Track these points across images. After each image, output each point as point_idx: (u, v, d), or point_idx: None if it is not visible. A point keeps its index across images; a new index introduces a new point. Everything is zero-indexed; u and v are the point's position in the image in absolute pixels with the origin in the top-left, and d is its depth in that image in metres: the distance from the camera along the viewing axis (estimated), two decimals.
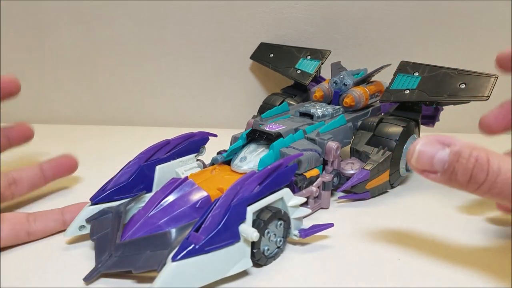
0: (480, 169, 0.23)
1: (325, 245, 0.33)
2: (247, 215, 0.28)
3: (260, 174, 0.30)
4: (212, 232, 0.26)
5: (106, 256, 0.28)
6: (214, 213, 0.27)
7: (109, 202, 0.33)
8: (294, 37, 0.58)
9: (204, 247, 0.26)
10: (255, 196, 0.29)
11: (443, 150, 0.24)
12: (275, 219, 0.30)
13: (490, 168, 0.23)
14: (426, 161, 0.25)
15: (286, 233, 0.31)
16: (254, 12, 0.57)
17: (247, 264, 0.28)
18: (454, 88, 0.41)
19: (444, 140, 0.25)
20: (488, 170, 0.23)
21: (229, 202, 0.28)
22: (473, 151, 0.24)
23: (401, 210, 0.38)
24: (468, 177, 0.24)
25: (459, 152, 0.24)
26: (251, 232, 0.27)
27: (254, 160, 0.37)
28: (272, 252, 0.31)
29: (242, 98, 0.63)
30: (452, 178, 0.24)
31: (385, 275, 0.29)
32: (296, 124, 0.41)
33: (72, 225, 0.32)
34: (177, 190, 0.32)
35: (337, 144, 0.38)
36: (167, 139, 0.37)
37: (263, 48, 0.59)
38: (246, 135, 0.39)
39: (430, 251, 0.32)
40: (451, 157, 0.24)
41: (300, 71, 0.53)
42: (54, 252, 0.31)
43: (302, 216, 0.32)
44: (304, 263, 0.31)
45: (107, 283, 0.28)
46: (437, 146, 0.25)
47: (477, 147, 0.24)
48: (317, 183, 0.37)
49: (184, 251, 0.26)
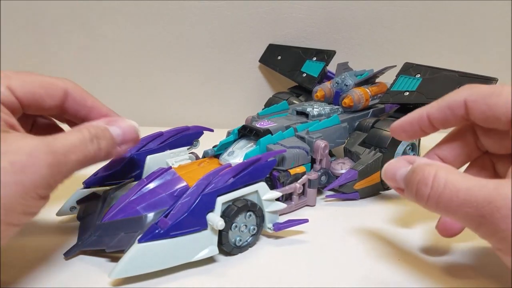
0: (424, 183, 0.24)
1: (298, 240, 0.33)
2: (216, 204, 0.29)
3: (236, 167, 0.31)
4: (179, 219, 0.28)
5: (87, 236, 0.31)
6: (184, 201, 0.29)
7: (100, 186, 0.35)
8: (294, 37, 0.59)
9: (169, 232, 0.28)
10: (227, 187, 0.30)
11: (405, 167, 0.26)
12: (243, 212, 0.31)
13: (435, 182, 0.24)
14: (390, 177, 0.27)
15: (259, 221, 0.32)
16: (254, 12, 0.58)
17: (213, 251, 0.29)
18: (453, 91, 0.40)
19: (410, 159, 0.26)
20: (432, 185, 0.24)
21: (199, 192, 0.29)
22: (426, 166, 0.25)
23: (389, 212, 0.38)
24: (415, 191, 0.25)
25: (413, 168, 0.25)
26: (216, 221, 0.28)
27: (241, 154, 0.38)
28: (246, 241, 0.32)
29: (246, 98, 0.63)
30: (408, 193, 0.26)
31: (353, 273, 0.29)
32: (288, 122, 0.41)
33: (64, 206, 0.34)
34: (159, 178, 0.34)
35: (325, 142, 0.39)
36: (161, 131, 0.39)
37: (271, 50, 0.59)
38: (237, 131, 0.40)
39: (401, 254, 0.32)
40: (408, 174, 0.26)
41: (306, 74, 0.54)
42: (45, 230, 0.34)
43: (277, 210, 0.33)
44: (273, 254, 0.31)
45: (83, 260, 0.30)
46: (402, 164, 0.26)
47: (434, 164, 0.25)
48: (302, 180, 0.38)
49: (150, 234, 0.27)
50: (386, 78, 0.49)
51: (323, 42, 0.58)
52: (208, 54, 0.61)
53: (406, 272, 0.29)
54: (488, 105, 0.26)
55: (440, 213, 0.25)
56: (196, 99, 0.64)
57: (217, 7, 0.58)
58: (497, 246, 0.23)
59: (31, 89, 0.27)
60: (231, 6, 0.58)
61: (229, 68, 0.62)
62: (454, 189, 0.23)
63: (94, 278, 0.28)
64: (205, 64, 0.62)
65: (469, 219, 0.23)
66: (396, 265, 0.30)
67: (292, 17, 0.58)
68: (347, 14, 0.57)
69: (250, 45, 0.60)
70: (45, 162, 0.23)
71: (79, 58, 0.62)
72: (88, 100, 0.31)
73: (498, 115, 0.26)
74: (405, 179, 0.26)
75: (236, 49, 0.60)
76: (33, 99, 0.27)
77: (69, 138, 0.26)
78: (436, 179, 0.24)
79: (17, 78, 0.27)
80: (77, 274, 0.29)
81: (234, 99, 0.63)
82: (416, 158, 0.26)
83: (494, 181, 0.23)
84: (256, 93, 0.62)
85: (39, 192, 0.23)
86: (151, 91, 0.63)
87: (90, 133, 0.27)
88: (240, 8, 0.58)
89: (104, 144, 0.28)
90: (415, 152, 0.43)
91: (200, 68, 0.62)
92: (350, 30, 0.58)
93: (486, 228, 0.22)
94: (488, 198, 0.22)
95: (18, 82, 0.27)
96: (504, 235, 0.22)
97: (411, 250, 0.32)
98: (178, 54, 0.61)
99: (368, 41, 0.59)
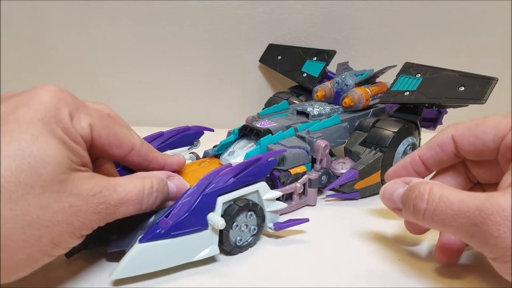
0: (420, 198, 0.25)
1: (299, 240, 0.33)
2: (216, 204, 0.29)
3: (236, 167, 0.31)
4: (180, 219, 0.28)
5: (88, 236, 0.30)
6: (184, 201, 0.29)
7: None
8: (294, 37, 0.59)
9: (170, 232, 0.28)
10: (227, 187, 0.30)
11: (402, 188, 0.27)
12: (244, 211, 0.31)
13: (430, 197, 0.25)
14: (388, 197, 0.28)
15: (260, 221, 0.32)
16: (254, 12, 0.58)
17: (214, 251, 0.30)
18: (453, 91, 0.40)
19: (407, 180, 0.28)
20: (428, 199, 0.25)
21: (200, 191, 0.29)
22: (422, 184, 0.26)
23: (389, 212, 0.38)
24: (412, 207, 0.26)
25: (409, 187, 0.27)
26: (217, 221, 0.28)
27: (242, 154, 0.38)
28: (246, 241, 0.32)
29: (246, 98, 0.63)
30: (405, 210, 0.27)
31: (353, 273, 0.29)
32: (289, 122, 0.41)
33: None
34: None
35: (325, 142, 0.39)
36: (161, 131, 0.39)
37: (271, 50, 0.59)
38: (238, 131, 0.40)
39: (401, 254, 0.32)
40: (405, 192, 0.27)
41: (306, 74, 0.54)
42: None
43: (278, 210, 0.33)
44: (273, 254, 0.32)
45: (85, 259, 0.30)
46: (399, 185, 0.28)
47: (429, 181, 0.26)
48: (302, 180, 0.38)
49: (151, 235, 0.27)
50: (386, 78, 0.49)
51: (323, 42, 0.58)
52: (208, 54, 0.61)
53: (406, 272, 0.29)
54: (475, 135, 0.28)
55: (436, 226, 0.26)
56: (196, 99, 0.64)
57: (217, 7, 0.58)
58: (491, 256, 0.24)
59: (107, 136, 0.27)
60: (231, 6, 0.58)
61: (229, 68, 0.62)
62: (448, 202, 0.24)
63: (95, 278, 0.28)
64: (205, 64, 0.62)
65: (463, 229, 0.24)
66: (396, 265, 0.30)
67: (292, 17, 0.58)
68: (347, 14, 0.57)
69: (250, 45, 0.60)
70: (97, 210, 0.25)
71: (79, 58, 0.62)
72: (150, 155, 0.31)
73: (486, 143, 0.27)
74: (402, 197, 0.27)
75: (236, 49, 0.60)
76: (104, 144, 0.27)
77: (128, 188, 0.27)
78: (431, 194, 0.25)
79: (101, 121, 0.27)
80: (78, 274, 0.29)
81: (234, 99, 0.63)
82: (412, 178, 0.28)
83: (485, 193, 0.24)
84: (256, 93, 0.62)
85: (82, 232, 0.25)
86: (151, 91, 0.64)
87: (153, 186, 0.28)
88: (240, 8, 0.58)
89: (159, 199, 0.29)
90: None
91: (200, 68, 0.62)
92: (350, 30, 0.58)
93: (479, 237, 0.23)
94: (479, 207, 0.23)
95: (100, 125, 0.27)
96: (496, 242, 0.22)
97: (411, 250, 0.32)
98: (178, 54, 0.61)
99: (368, 41, 0.59)
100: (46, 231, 0.23)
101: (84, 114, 0.26)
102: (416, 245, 0.33)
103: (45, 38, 0.61)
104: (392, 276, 0.29)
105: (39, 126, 0.23)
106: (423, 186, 0.26)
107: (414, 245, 0.33)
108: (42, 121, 0.23)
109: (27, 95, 0.24)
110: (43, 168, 0.22)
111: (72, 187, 0.24)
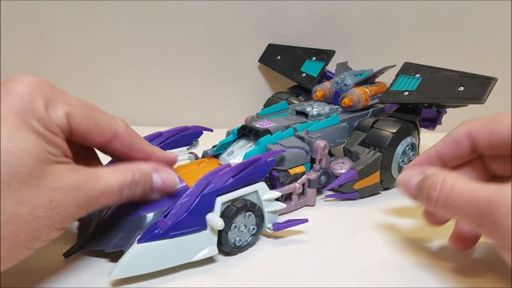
0: (433, 187, 0.27)
1: (298, 240, 0.33)
2: (215, 205, 0.29)
3: (235, 167, 0.31)
4: (178, 219, 0.28)
5: (87, 236, 0.31)
6: (183, 201, 0.29)
7: None
8: (294, 37, 0.59)
9: (169, 232, 0.28)
10: (226, 187, 0.30)
11: (418, 177, 0.29)
12: (242, 212, 0.31)
13: (443, 186, 0.26)
14: (405, 185, 0.29)
15: (259, 220, 0.32)
16: (254, 12, 0.58)
17: (212, 252, 0.30)
18: (452, 91, 0.40)
19: (422, 170, 0.29)
20: (440, 188, 0.26)
21: (199, 192, 0.29)
22: (435, 174, 0.27)
23: (388, 212, 0.38)
24: (425, 194, 0.27)
25: (424, 176, 0.28)
26: (216, 221, 0.28)
27: (241, 154, 0.38)
28: (245, 241, 0.32)
29: (245, 98, 0.63)
30: (420, 197, 0.28)
31: (353, 273, 0.29)
32: (288, 122, 0.41)
33: None
34: None
35: (324, 142, 0.39)
36: (160, 131, 0.39)
37: (270, 50, 0.59)
38: (237, 131, 0.40)
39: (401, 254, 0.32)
40: (420, 181, 0.28)
41: (305, 74, 0.54)
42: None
43: (277, 210, 0.33)
44: (273, 254, 0.32)
45: (83, 259, 0.30)
46: (415, 174, 0.29)
47: (443, 171, 0.28)
48: (301, 180, 0.38)
49: (150, 235, 0.28)
50: (385, 78, 0.49)
51: (323, 42, 0.58)
52: (208, 54, 0.61)
53: (406, 272, 0.29)
54: (490, 131, 0.28)
55: (447, 214, 0.27)
56: (195, 99, 0.63)
57: (217, 7, 0.58)
58: (498, 244, 0.24)
59: (88, 125, 0.27)
60: (231, 6, 0.58)
61: (228, 68, 0.61)
62: (459, 191, 0.25)
63: (94, 278, 0.28)
64: (205, 64, 0.61)
65: (472, 218, 0.25)
66: (396, 265, 0.30)
67: (292, 17, 0.58)
68: (347, 14, 0.57)
69: (250, 45, 0.60)
70: (78, 203, 0.25)
71: (79, 58, 0.62)
72: (135, 144, 0.30)
73: (502, 138, 0.28)
74: (417, 186, 0.28)
75: (235, 49, 0.60)
76: (84, 133, 0.27)
77: (110, 181, 0.26)
78: (444, 184, 0.26)
79: (80, 110, 0.26)
80: (77, 274, 0.29)
81: (233, 99, 0.63)
82: (428, 168, 0.29)
83: (496, 185, 0.24)
84: (255, 93, 0.62)
85: (63, 225, 0.25)
86: (151, 91, 0.63)
87: (134, 178, 0.28)
88: (240, 8, 0.58)
89: (139, 191, 0.29)
90: (414, 152, 0.43)
91: (200, 68, 0.62)
92: (350, 30, 0.58)
93: (487, 227, 0.24)
94: (488, 198, 0.24)
95: (79, 114, 0.26)
96: (504, 232, 0.23)
97: (411, 250, 0.32)
98: (178, 54, 0.61)
99: (367, 41, 0.59)
100: (25, 227, 0.22)
101: (61, 104, 0.25)
102: (416, 245, 0.33)
103: (45, 38, 0.61)
104: (392, 276, 0.29)
105: (14, 120, 0.23)
106: (436, 176, 0.27)
107: (414, 245, 0.33)
108: (18, 115, 0.23)
109: (3, 88, 0.24)
110: (19, 165, 0.22)
111: (52, 181, 0.23)
